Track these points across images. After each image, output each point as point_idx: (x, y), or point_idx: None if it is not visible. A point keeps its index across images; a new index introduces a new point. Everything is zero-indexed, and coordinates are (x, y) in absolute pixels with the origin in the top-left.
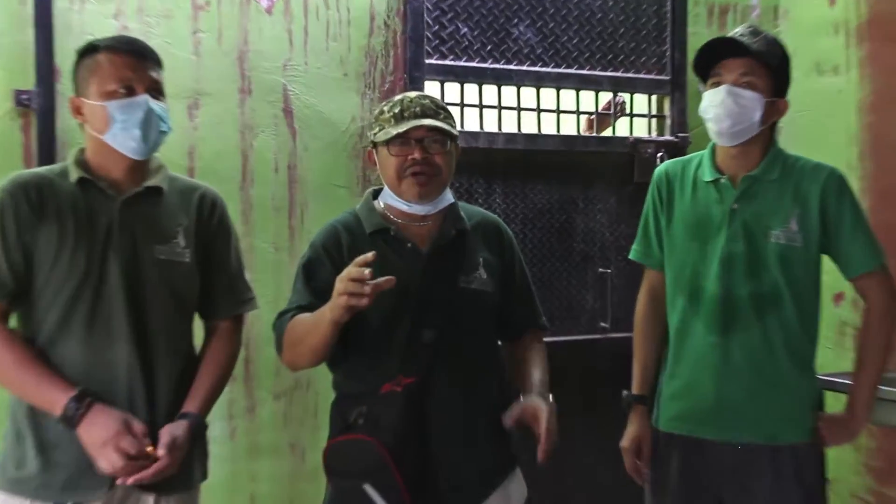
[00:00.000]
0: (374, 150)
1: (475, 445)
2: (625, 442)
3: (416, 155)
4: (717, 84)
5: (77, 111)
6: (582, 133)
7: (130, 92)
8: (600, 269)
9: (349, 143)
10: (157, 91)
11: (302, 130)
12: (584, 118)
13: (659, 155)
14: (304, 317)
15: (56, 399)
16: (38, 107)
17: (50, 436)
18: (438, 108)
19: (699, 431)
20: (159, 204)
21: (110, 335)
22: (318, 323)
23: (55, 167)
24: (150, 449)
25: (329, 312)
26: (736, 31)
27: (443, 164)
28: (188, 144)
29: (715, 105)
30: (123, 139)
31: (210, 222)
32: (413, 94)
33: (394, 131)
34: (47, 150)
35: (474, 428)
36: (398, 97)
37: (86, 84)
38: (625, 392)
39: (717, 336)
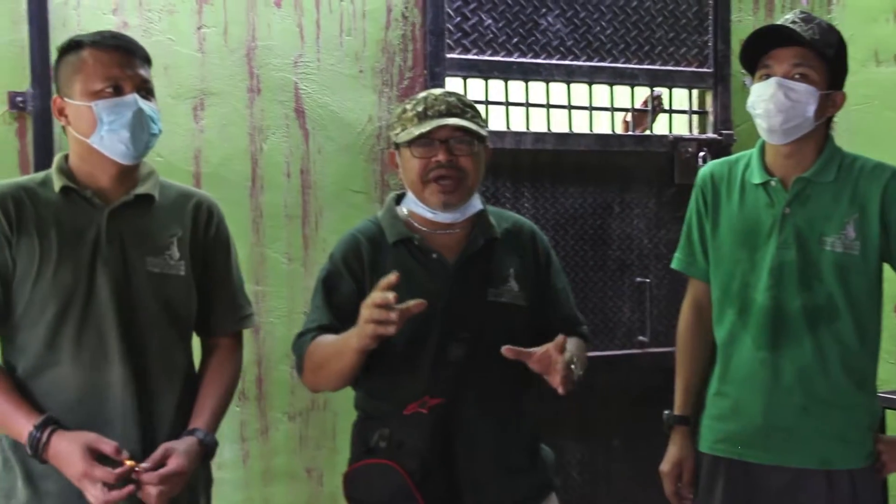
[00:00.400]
0: (395, 152)
1: (507, 471)
2: (665, 465)
3: (441, 157)
4: (766, 77)
5: (60, 112)
6: (617, 132)
7: (118, 91)
8: (638, 279)
9: (366, 145)
10: (146, 90)
11: (315, 132)
12: (619, 116)
13: (701, 154)
14: (327, 339)
15: (22, 429)
16: (34, 109)
17: (37, 465)
18: (466, 107)
19: (746, 454)
20: (150, 213)
21: (102, 356)
22: (342, 350)
23: (37, 176)
24: (129, 463)
25: (355, 340)
26: (786, 17)
27: (469, 168)
28: (193, 148)
29: (764, 99)
30: (111, 142)
31: (207, 233)
32: (438, 91)
33: (416, 131)
34: (44, 155)
35: (506, 453)
36: (422, 94)
37: (69, 83)
38: (666, 412)
39: (766, 351)
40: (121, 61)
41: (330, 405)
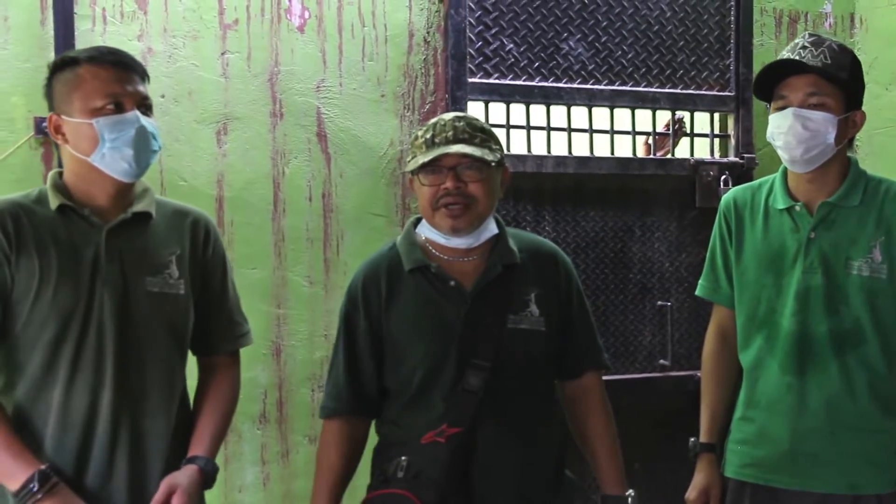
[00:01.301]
0: (413, 178)
1: (527, 502)
2: (692, 493)
3: (449, 185)
4: (782, 107)
5: (56, 130)
6: (639, 155)
7: (119, 108)
8: (659, 302)
9: (387, 169)
10: (145, 106)
11: (337, 156)
12: (640, 140)
13: (722, 178)
14: (322, 469)
15: (17, 471)
16: None
17: None
18: (475, 132)
19: (773, 480)
20: (148, 231)
21: (96, 378)
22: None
23: (31, 192)
24: None
25: None
26: (796, 42)
27: (479, 194)
28: (217, 172)
29: (783, 131)
30: (113, 160)
31: (206, 252)
32: (449, 115)
33: (422, 159)
34: None
35: (526, 483)
36: (433, 120)
37: (67, 100)
38: (692, 439)
39: (792, 376)
40: (120, 77)
41: None
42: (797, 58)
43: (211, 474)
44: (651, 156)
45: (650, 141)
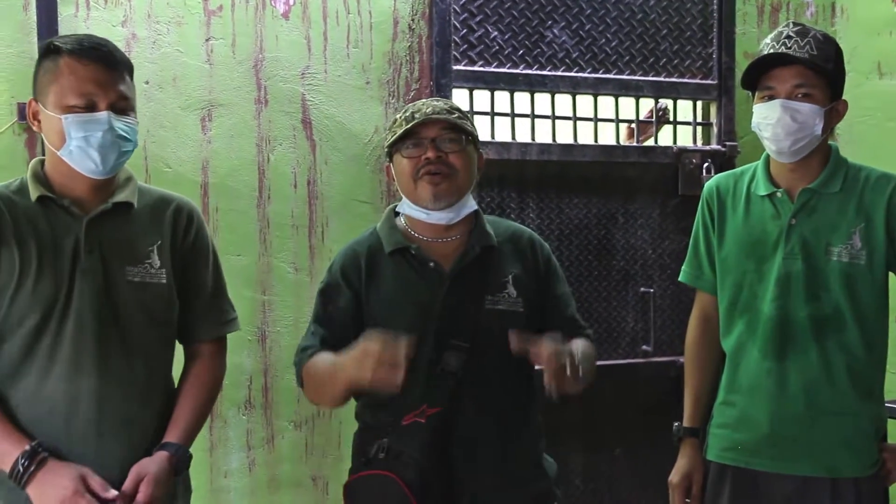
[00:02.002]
0: (391, 164)
1: (507, 482)
2: (674, 477)
3: (430, 154)
4: (768, 98)
5: (34, 117)
6: (622, 143)
7: (92, 107)
8: (642, 289)
9: (372, 156)
10: (124, 105)
11: (322, 143)
12: (623, 127)
13: (705, 165)
14: (323, 359)
15: (6, 453)
16: None
17: (13, 496)
18: (452, 109)
19: (753, 463)
20: (130, 221)
21: (76, 368)
22: (336, 376)
23: (12, 183)
24: (111, 495)
25: (350, 372)
26: (780, 31)
27: (459, 165)
28: (201, 159)
29: (771, 123)
30: (80, 158)
31: (186, 239)
32: (428, 99)
33: (401, 130)
34: None
35: (506, 463)
36: (412, 104)
37: (44, 90)
38: (676, 424)
39: (772, 361)
40: (98, 77)
41: (336, 413)
42: (783, 49)
43: (182, 461)
44: (633, 140)
45: (633, 126)
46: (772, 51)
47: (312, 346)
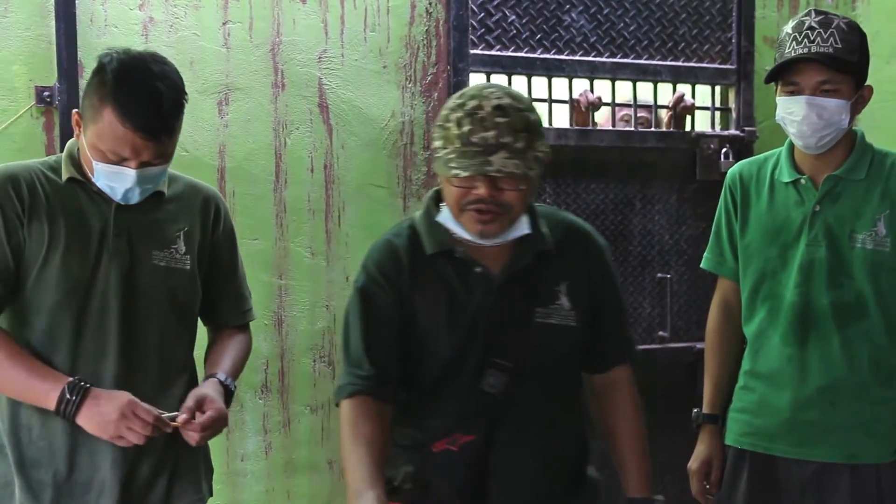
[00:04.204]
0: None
1: None
2: (693, 463)
3: (482, 192)
4: (793, 92)
5: (77, 126)
6: (662, 127)
7: (120, 161)
8: (659, 275)
9: (389, 141)
10: (158, 161)
11: (339, 127)
12: (640, 112)
13: (723, 151)
14: (350, 447)
15: (49, 390)
16: (61, 104)
17: (31, 452)
18: (518, 132)
19: (772, 448)
20: (158, 206)
21: (100, 349)
22: (348, 479)
23: (48, 160)
24: (166, 417)
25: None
26: (802, 20)
27: (515, 202)
28: (218, 143)
29: (797, 120)
30: (104, 189)
31: (216, 230)
32: (489, 102)
33: (454, 168)
34: None
35: (546, 488)
36: (471, 102)
37: (86, 117)
38: (695, 410)
39: (794, 347)
40: (136, 143)
41: None
42: (806, 43)
43: (231, 390)
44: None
45: (671, 116)
46: (795, 46)
47: (355, 384)
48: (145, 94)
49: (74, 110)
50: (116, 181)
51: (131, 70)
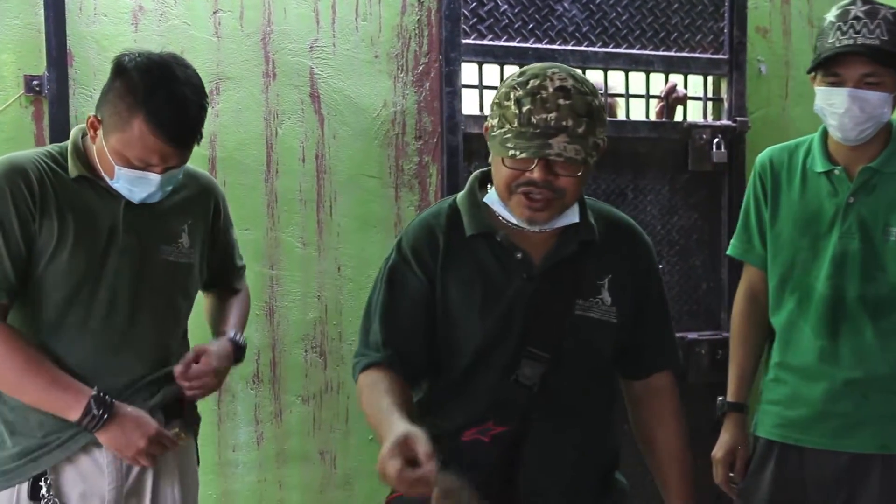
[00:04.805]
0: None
1: None
2: (718, 452)
3: (537, 176)
4: (835, 83)
5: (92, 129)
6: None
7: (146, 167)
8: None
9: (381, 131)
10: (182, 163)
11: (330, 117)
12: (633, 102)
13: (715, 141)
14: (374, 398)
15: (73, 402)
16: (50, 93)
17: (17, 420)
18: (580, 117)
19: (803, 440)
20: (164, 201)
21: (108, 343)
22: (377, 428)
23: (50, 151)
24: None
25: (384, 446)
26: (848, 8)
27: (569, 188)
28: (209, 133)
29: (838, 112)
30: (122, 190)
31: (216, 222)
32: (551, 83)
33: (511, 150)
34: (60, 138)
35: (575, 487)
36: (533, 82)
37: (109, 124)
38: (720, 398)
39: (825, 339)
40: (165, 152)
41: (343, 388)
42: (851, 34)
43: (241, 346)
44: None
45: (663, 106)
46: (839, 36)
47: (370, 356)
48: (175, 104)
49: (90, 114)
50: (139, 185)
51: (159, 78)
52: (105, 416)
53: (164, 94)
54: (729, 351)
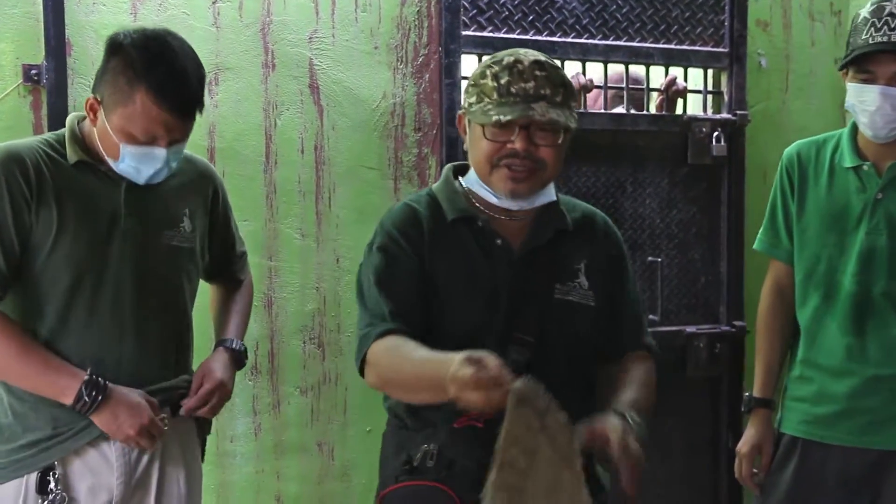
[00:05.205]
0: (464, 116)
1: None
2: (744, 447)
3: (518, 146)
4: (866, 80)
5: (92, 111)
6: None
7: (152, 141)
8: (650, 258)
9: (380, 122)
10: (185, 136)
11: (329, 108)
12: (632, 95)
13: (715, 135)
14: (407, 353)
15: (66, 386)
16: (49, 82)
17: (21, 408)
18: (557, 87)
19: (829, 437)
20: (164, 185)
21: (115, 330)
22: (431, 382)
23: (47, 138)
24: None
25: (451, 390)
26: (883, 4)
27: (550, 159)
28: (208, 123)
29: (869, 110)
30: (127, 170)
31: (216, 208)
32: (526, 57)
33: (493, 115)
34: (59, 128)
35: None
36: (508, 58)
37: (110, 102)
38: (746, 394)
39: (852, 336)
40: (169, 122)
41: (342, 379)
42: (885, 31)
43: (240, 353)
44: (664, 112)
45: (663, 99)
46: (873, 32)
47: (378, 329)
48: (176, 74)
49: (89, 96)
50: (145, 162)
51: (157, 51)
52: (99, 398)
53: (163, 66)
54: (755, 346)
